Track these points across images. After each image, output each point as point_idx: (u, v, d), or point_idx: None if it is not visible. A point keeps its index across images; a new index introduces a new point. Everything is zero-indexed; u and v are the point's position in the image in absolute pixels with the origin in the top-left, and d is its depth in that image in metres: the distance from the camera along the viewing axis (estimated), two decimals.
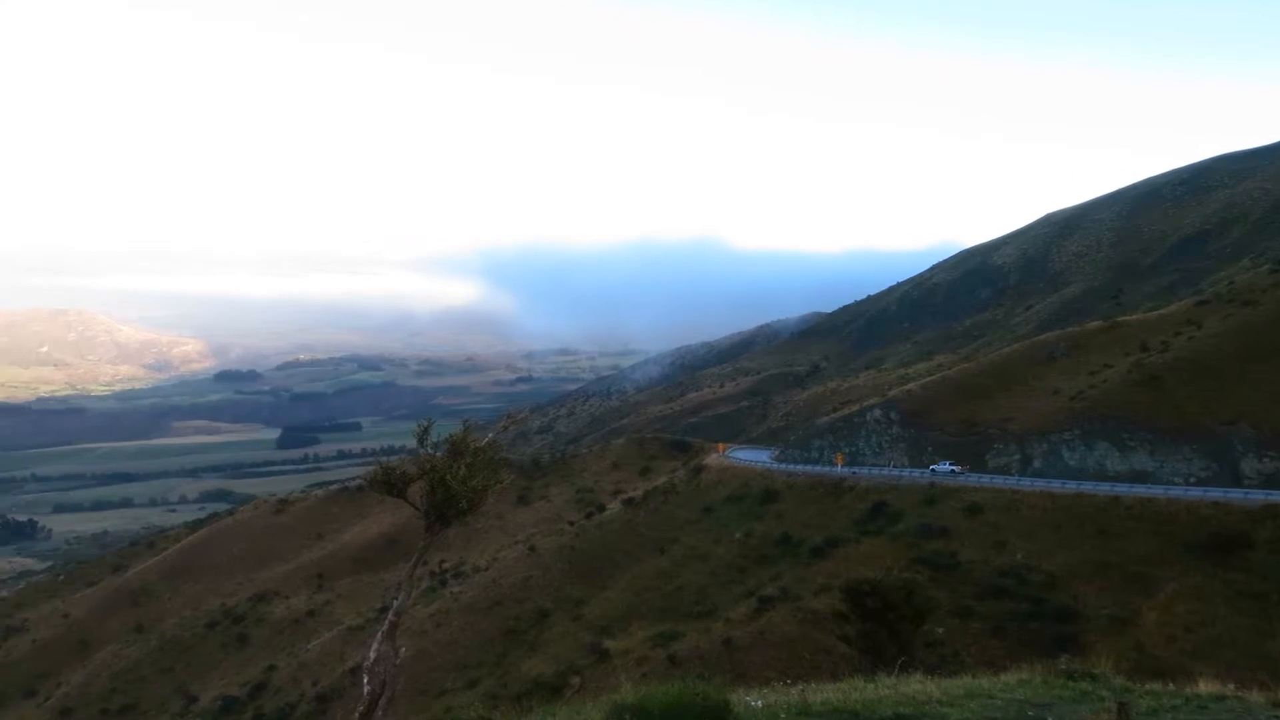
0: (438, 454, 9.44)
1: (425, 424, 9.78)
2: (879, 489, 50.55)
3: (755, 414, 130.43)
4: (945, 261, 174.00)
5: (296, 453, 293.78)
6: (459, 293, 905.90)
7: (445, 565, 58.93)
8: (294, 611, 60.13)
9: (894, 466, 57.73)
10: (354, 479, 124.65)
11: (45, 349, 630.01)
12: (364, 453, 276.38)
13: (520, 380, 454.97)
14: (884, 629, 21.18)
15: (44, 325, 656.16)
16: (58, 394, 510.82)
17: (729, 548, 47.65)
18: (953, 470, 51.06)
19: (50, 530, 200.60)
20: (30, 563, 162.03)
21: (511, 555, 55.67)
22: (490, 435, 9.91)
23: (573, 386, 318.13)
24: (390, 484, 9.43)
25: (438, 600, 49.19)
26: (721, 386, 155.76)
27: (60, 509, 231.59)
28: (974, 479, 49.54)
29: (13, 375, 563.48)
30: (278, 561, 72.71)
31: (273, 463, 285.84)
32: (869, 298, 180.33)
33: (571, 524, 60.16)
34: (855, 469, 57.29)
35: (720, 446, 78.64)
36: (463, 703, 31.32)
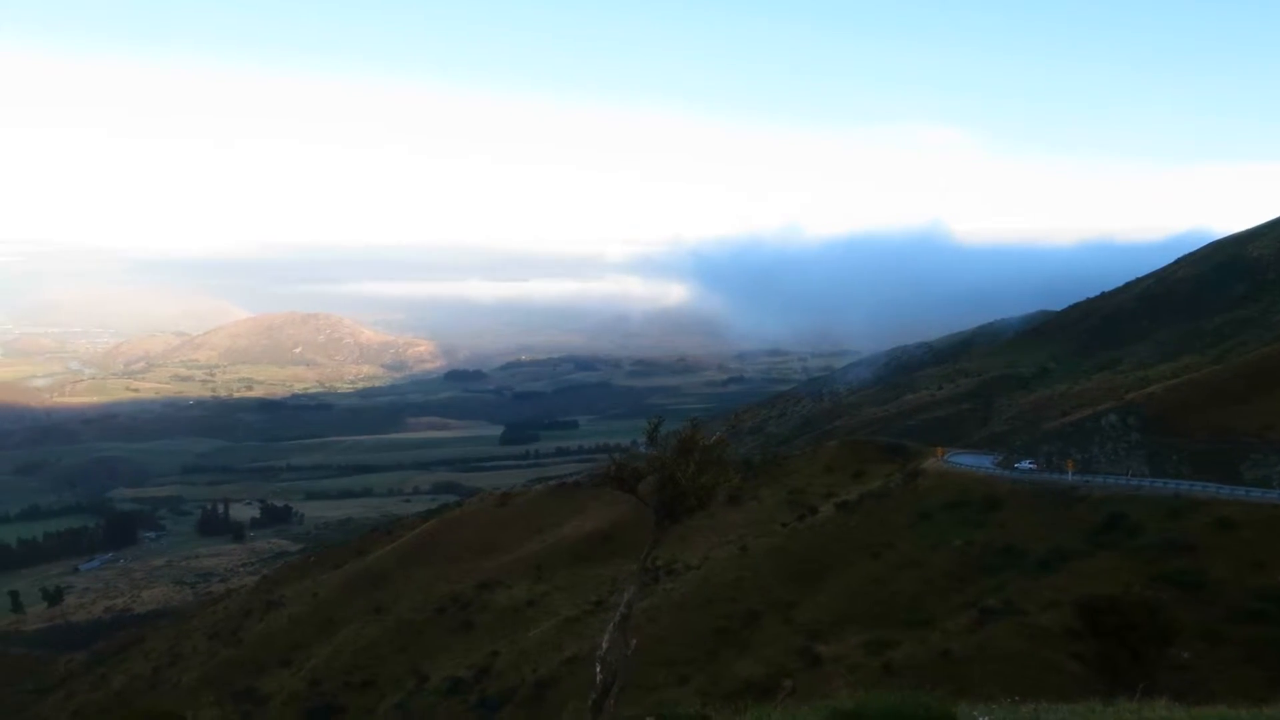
0: (667, 452, 9.55)
1: (655, 422, 9.94)
2: (1114, 499, 46.99)
3: (975, 418, 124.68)
4: (1192, 254, 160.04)
5: (518, 449, 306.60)
6: (672, 293, 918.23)
7: (658, 562, 59.93)
8: (515, 600, 62.68)
9: (1132, 476, 53.57)
10: (572, 475, 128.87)
11: (299, 350, 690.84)
12: (580, 450, 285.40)
13: (731, 381, 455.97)
14: (1123, 649, 19.65)
15: (297, 328, 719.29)
16: (309, 391, 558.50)
17: (947, 556, 45.69)
18: (1032, 468, 46.97)
19: (303, 516, 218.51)
20: (286, 544, 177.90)
21: (722, 555, 55.68)
22: (718, 434, 9.93)
23: (784, 387, 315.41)
24: (622, 479, 9.62)
25: (650, 596, 50.04)
26: (940, 389, 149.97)
27: (311, 496, 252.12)
28: (1225, 491, 45.13)
29: (271, 374, 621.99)
30: (500, 552, 76.11)
31: (496, 458, 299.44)
32: (1103, 294, 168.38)
33: (783, 525, 59.52)
34: (1087, 477, 53.56)
35: (938, 451, 75.62)
36: (673, 698, 31.58)
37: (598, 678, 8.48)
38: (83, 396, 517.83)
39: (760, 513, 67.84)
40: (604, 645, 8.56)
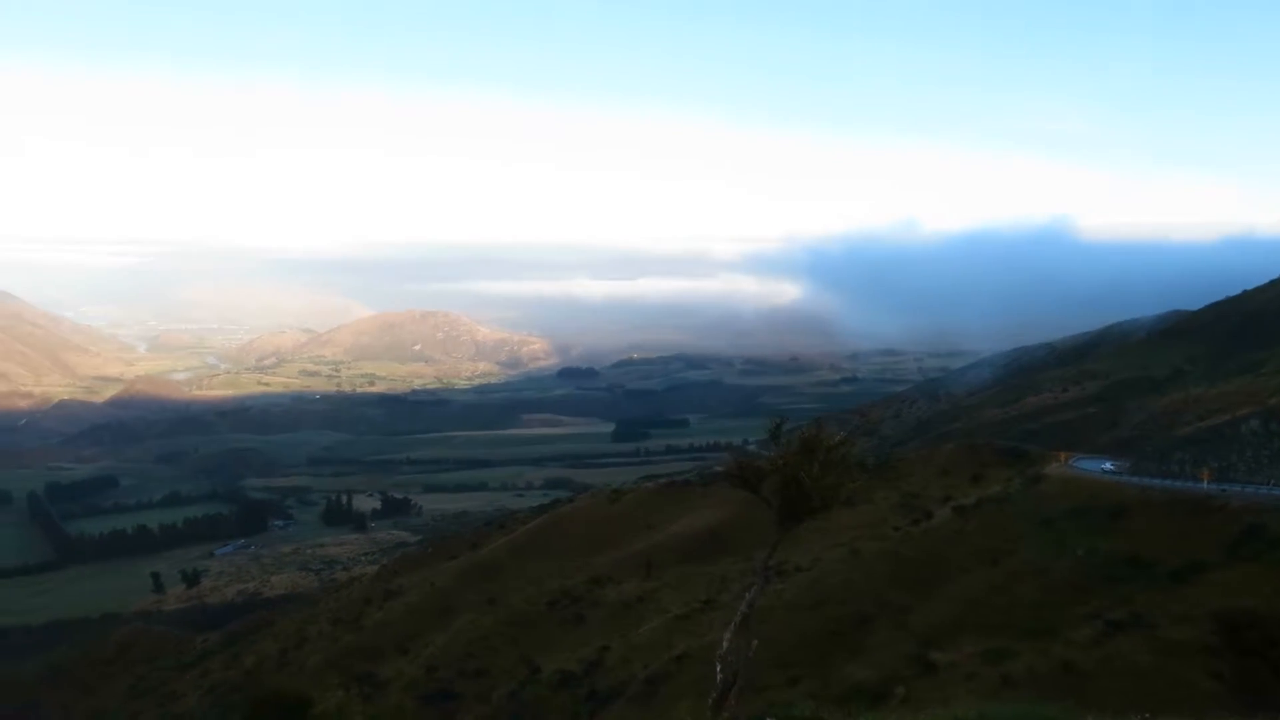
0: (790, 451, 9.47)
1: (777, 421, 9.86)
2: (1255, 509, 44.30)
3: (1102, 422, 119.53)
4: None
5: (629, 446, 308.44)
6: (784, 292, 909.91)
7: (769, 563, 59.35)
8: (625, 596, 63.08)
9: (1274, 485, 50.53)
10: (682, 473, 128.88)
11: (418, 347, 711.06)
12: (691, 448, 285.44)
13: (844, 381, 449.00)
14: (1266, 667, 18.60)
15: (417, 326, 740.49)
16: (428, 387, 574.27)
17: (1070, 564, 43.96)
18: (1113, 470, 43.82)
19: (421, 508, 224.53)
20: (405, 535, 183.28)
21: (834, 557, 54.84)
22: (843, 434, 9.82)
23: (899, 388, 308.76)
24: (744, 479, 9.58)
25: (761, 597, 49.56)
26: (1064, 391, 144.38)
27: (429, 489, 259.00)
28: None
29: (392, 370, 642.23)
30: (610, 548, 76.74)
31: (607, 455, 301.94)
32: (1245, 293, 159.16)
33: (896, 529, 58.27)
34: (1224, 486, 50.72)
35: (1061, 456, 72.86)
36: (784, 699, 31.26)
37: (718, 677, 8.48)
38: (218, 390, 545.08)
39: (873, 515, 66.62)
40: (725, 645, 8.55)
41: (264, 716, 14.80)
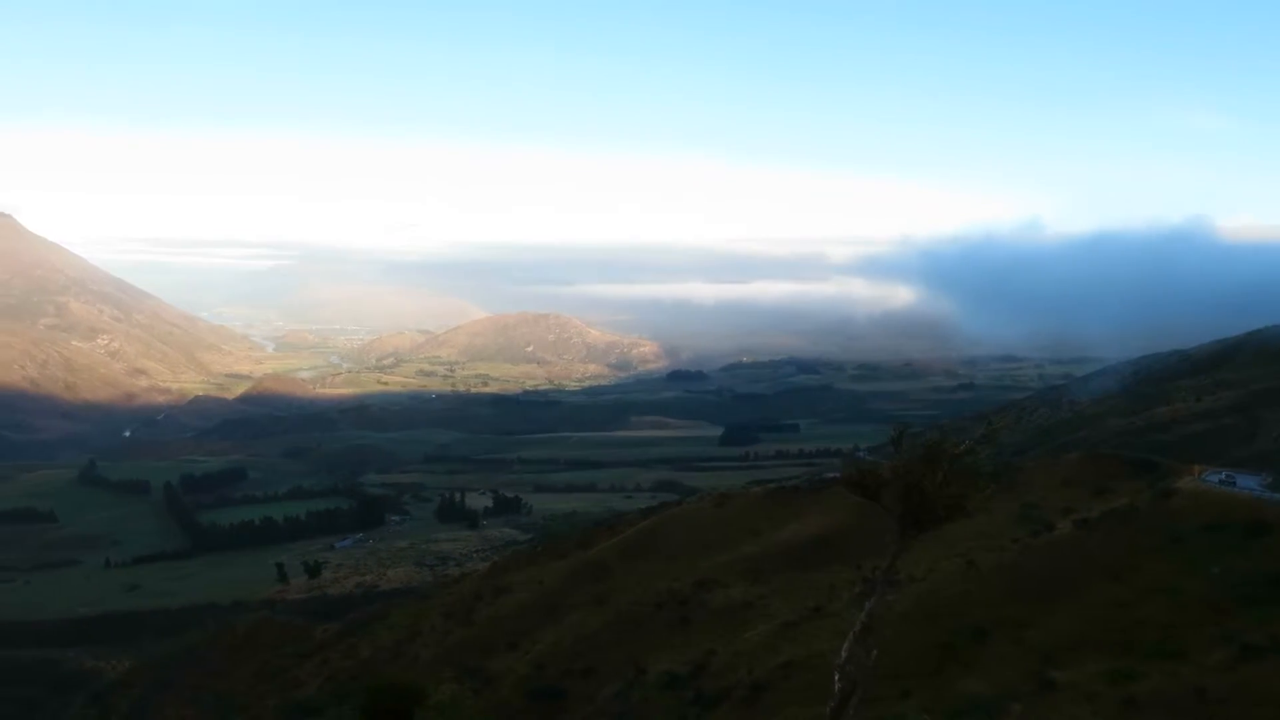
0: (912, 459, 9.28)
1: (900, 428, 9.69)
2: None
3: (1239, 434, 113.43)
4: None
5: (738, 450, 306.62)
6: (898, 295, 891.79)
7: (888, 572, 58.12)
8: (732, 601, 62.80)
9: None
10: (792, 479, 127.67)
11: (530, 348, 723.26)
12: (801, 454, 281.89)
13: (961, 387, 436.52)
14: None
15: (529, 328, 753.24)
16: (539, 388, 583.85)
17: (1203, 584, 41.73)
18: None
19: (531, 506, 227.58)
20: (515, 533, 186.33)
21: (948, 568, 53.41)
22: (968, 442, 9.57)
23: (1018, 395, 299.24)
24: (864, 485, 9.43)
25: (880, 606, 48.55)
26: (1198, 400, 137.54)
27: (539, 489, 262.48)
28: None
29: (505, 371, 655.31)
30: (717, 552, 76.46)
31: (715, 458, 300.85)
32: None
33: (1014, 541, 56.36)
34: None
35: (1194, 469, 69.25)
36: (896, 712, 30.65)
37: (837, 685, 8.35)
38: (340, 388, 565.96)
39: (990, 526, 64.69)
40: (843, 655, 8.40)
41: (379, 704, 15.25)
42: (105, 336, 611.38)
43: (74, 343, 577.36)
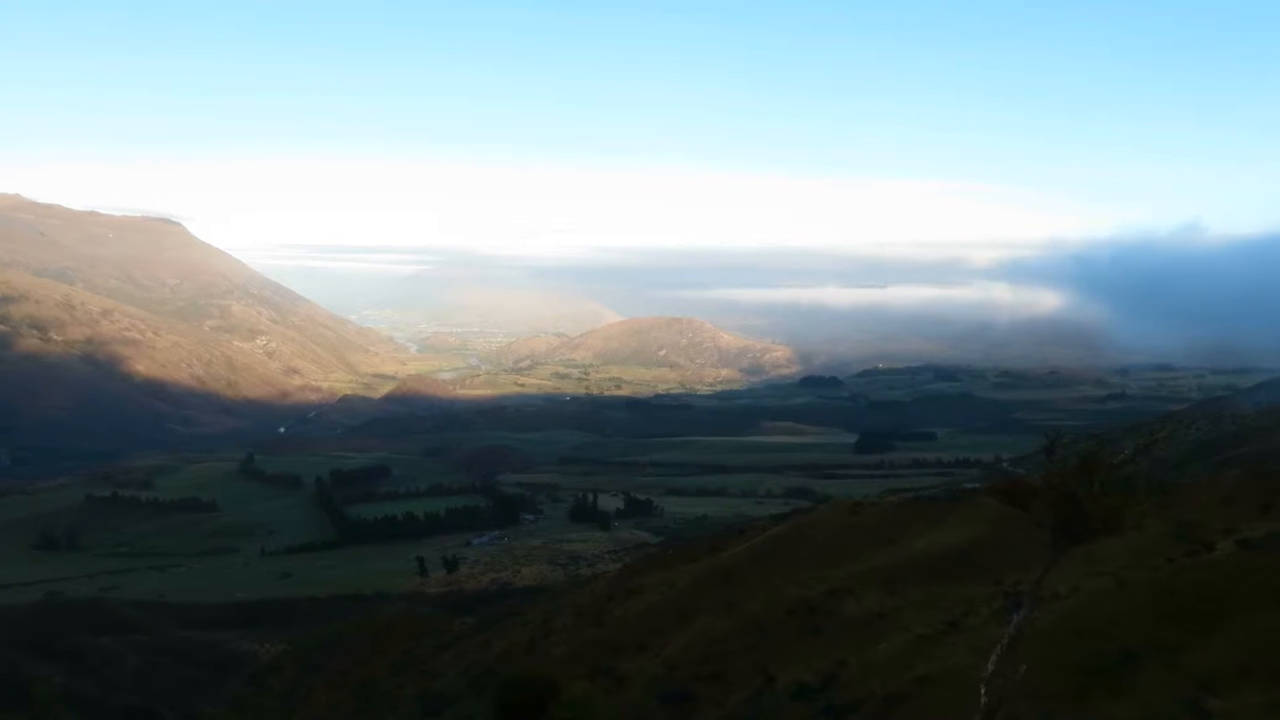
0: (1066, 469, 9.02)
1: (1054, 437, 9.45)
2: None
3: None
4: None
5: (872, 458, 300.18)
6: (1044, 301, 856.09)
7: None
8: (864, 611, 61.45)
9: None
10: (928, 488, 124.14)
11: (663, 352, 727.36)
12: (938, 463, 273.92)
13: (1111, 397, 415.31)
14: None
15: (662, 332, 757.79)
16: (671, 392, 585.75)
17: None
18: None
19: (662, 510, 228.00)
20: (646, 536, 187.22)
21: (1095, 586, 50.87)
22: (1127, 451, 9.23)
23: (1175, 407, 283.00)
24: (1013, 495, 9.23)
25: (1029, 621, 46.67)
26: None
27: (670, 492, 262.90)
28: None
29: (638, 374, 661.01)
30: (850, 561, 74.99)
31: (849, 466, 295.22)
32: None
33: (1169, 560, 53.18)
34: None
35: None
36: None
37: (982, 701, 8.16)
38: (478, 389, 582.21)
39: (1141, 543, 61.31)
40: (989, 669, 8.21)
41: (514, 698, 15.65)
42: (263, 337, 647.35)
43: (235, 343, 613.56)
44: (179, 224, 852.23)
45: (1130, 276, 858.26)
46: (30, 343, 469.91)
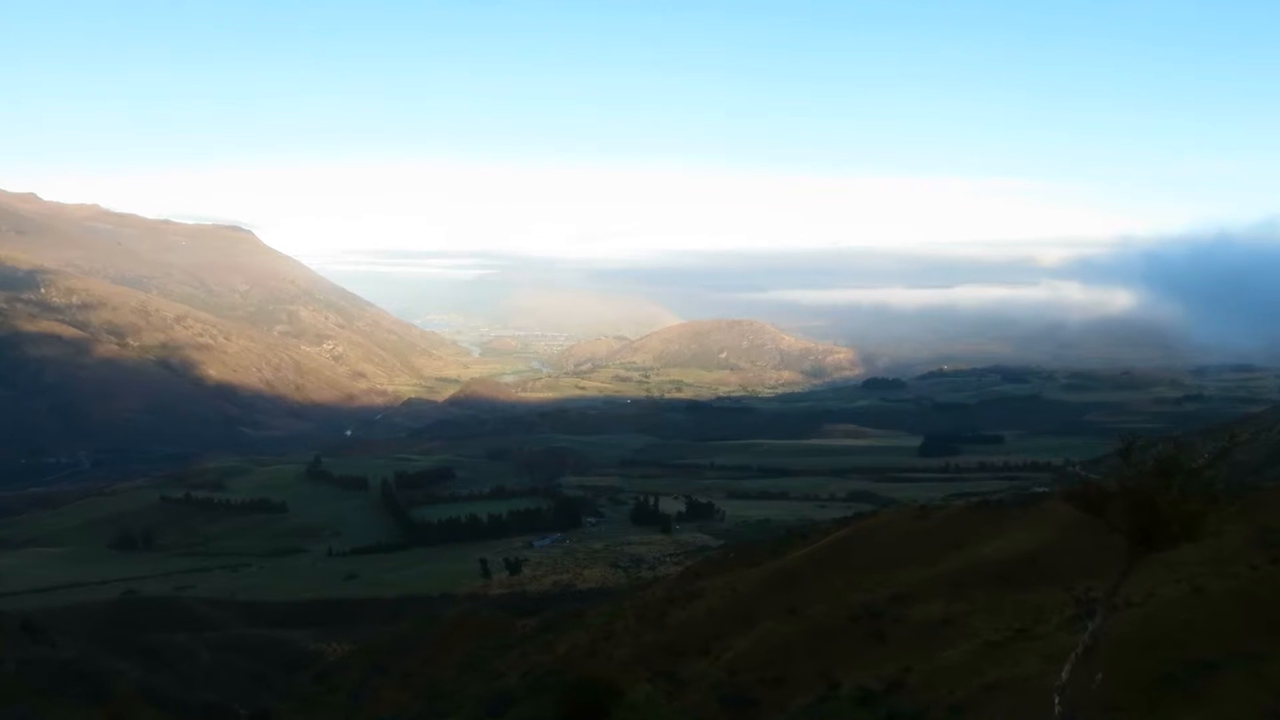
0: (1143, 473, 8.74)
1: (1129, 440, 9.18)
2: None
3: None
4: None
5: (937, 461, 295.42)
6: (1115, 300, 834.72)
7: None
8: (930, 617, 60.44)
9: None
10: (995, 493, 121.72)
11: (724, 355, 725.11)
12: (1006, 466, 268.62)
13: (1187, 399, 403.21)
14: None
15: (723, 334, 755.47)
16: (732, 394, 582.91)
17: None
18: None
19: (724, 513, 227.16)
20: (708, 539, 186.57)
21: (1171, 594, 49.38)
22: (1207, 455, 8.91)
23: (1254, 408, 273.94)
24: (1087, 499, 8.98)
25: (1106, 629, 45.46)
26: None
27: (731, 495, 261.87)
28: None
29: (699, 377, 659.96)
30: (915, 565, 73.82)
31: (913, 469, 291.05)
32: None
33: (1251, 568, 51.43)
34: None
35: None
36: None
37: (1057, 709, 7.93)
38: (540, 393, 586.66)
39: (1220, 550, 59.41)
40: (1063, 677, 7.97)
41: (577, 699, 15.66)
42: (330, 342, 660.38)
43: (303, 347, 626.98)
44: (249, 231, 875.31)
45: (1206, 274, 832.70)
46: (108, 348, 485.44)
